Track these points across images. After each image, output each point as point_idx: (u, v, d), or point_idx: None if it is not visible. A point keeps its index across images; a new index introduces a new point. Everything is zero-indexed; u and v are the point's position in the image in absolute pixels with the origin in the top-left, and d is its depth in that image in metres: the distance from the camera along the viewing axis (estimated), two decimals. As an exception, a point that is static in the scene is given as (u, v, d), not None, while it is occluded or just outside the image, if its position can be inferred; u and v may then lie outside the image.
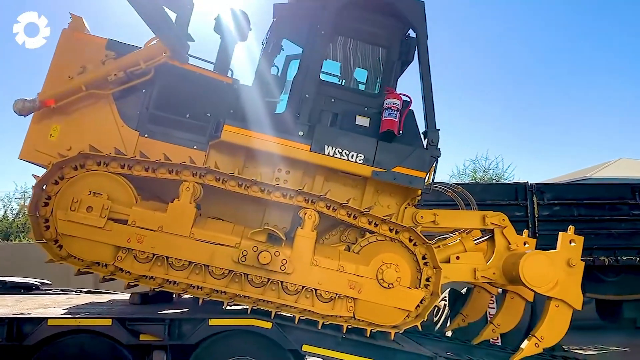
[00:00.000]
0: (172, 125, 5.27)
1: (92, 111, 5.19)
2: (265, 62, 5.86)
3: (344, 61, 6.08)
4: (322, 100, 5.49)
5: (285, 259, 4.78)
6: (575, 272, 5.28)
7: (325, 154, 5.12)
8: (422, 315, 5.05)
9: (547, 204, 10.36)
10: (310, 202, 4.97)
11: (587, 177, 27.98)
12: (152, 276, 4.81)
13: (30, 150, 5.07)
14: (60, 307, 5.33)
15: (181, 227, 4.76)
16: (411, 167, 5.20)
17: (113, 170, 4.83)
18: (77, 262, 4.82)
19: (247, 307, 4.81)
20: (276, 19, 5.90)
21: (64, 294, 7.17)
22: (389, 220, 5.05)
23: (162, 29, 4.94)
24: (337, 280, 4.90)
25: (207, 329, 4.74)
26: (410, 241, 5.09)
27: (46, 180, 4.72)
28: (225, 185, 4.89)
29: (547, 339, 5.22)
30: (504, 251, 5.63)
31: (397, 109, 5.18)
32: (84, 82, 5.04)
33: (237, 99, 5.45)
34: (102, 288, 8.13)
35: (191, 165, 4.85)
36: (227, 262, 4.80)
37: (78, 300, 6.17)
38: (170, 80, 5.32)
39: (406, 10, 5.54)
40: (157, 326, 4.73)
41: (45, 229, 4.77)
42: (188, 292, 4.88)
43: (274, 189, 4.95)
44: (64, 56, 5.23)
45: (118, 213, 4.74)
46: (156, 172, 4.86)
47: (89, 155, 4.79)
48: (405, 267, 5.01)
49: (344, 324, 4.90)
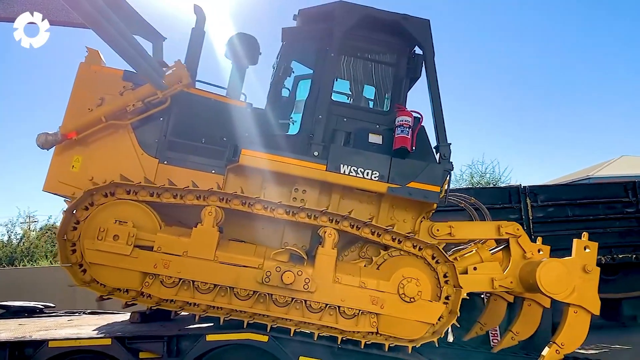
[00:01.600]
0: (190, 151, 5.41)
1: (112, 141, 5.34)
2: (277, 85, 6.02)
3: (353, 80, 6.23)
4: (334, 119, 5.63)
5: (308, 278, 4.89)
6: (591, 277, 5.37)
7: (341, 172, 5.24)
8: (439, 331, 5.15)
9: (541, 205, 10.37)
10: (335, 221, 5.08)
11: (590, 176, 28.20)
12: (173, 300, 4.93)
13: (54, 182, 5.21)
14: (62, 329, 5.40)
15: (206, 251, 4.88)
16: (425, 181, 5.31)
17: (142, 199, 4.97)
18: (100, 287, 4.94)
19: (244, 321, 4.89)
20: (285, 42, 6.05)
21: (67, 316, 7.23)
22: (412, 237, 5.15)
23: (137, 61, 4.96)
24: (359, 296, 5.00)
25: (205, 344, 4.82)
26: (432, 258, 5.19)
27: (77, 206, 4.87)
28: (251, 208, 5.01)
29: (568, 344, 5.31)
30: (520, 260, 5.72)
31: (409, 126, 5.31)
32: (103, 114, 5.18)
33: (251, 122, 5.60)
34: (103, 308, 8.19)
35: (218, 191, 4.98)
36: (252, 283, 4.90)
37: (80, 322, 6.23)
38: (186, 108, 5.47)
39: (413, 29, 5.68)
40: (156, 344, 4.85)
41: (71, 252, 4.91)
42: (209, 313, 4.95)
43: (299, 210, 5.06)
44: (82, 89, 5.39)
45: (144, 240, 4.87)
46: (184, 199, 4.99)
47: (119, 184, 4.92)
48: (425, 281, 5.11)
49: (362, 339, 4.99)
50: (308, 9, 5.98)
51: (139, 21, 5.17)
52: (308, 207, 5.05)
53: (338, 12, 5.64)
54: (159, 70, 5.29)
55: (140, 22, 5.18)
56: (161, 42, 5.42)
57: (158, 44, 5.43)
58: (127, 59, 4.74)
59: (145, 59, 5.03)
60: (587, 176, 28.27)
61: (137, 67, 4.97)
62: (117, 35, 4.53)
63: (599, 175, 27.52)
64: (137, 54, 4.82)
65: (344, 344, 4.97)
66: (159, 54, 5.44)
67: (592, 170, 30.71)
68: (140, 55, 4.91)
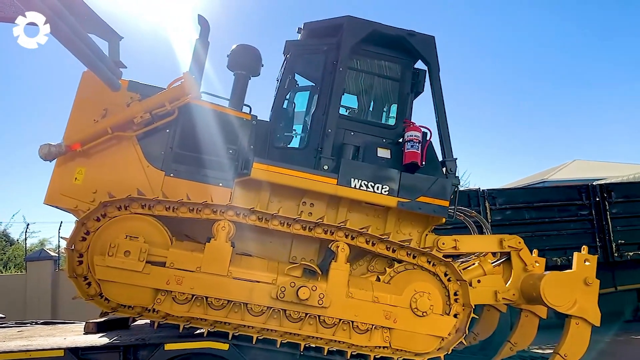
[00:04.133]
0: (196, 164, 5.31)
1: (116, 153, 5.19)
2: (282, 98, 5.99)
3: (359, 95, 6.28)
4: (342, 133, 5.66)
5: (323, 293, 4.86)
6: (591, 290, 5.55)
7: (352, 186, 5.25)
8: (444, 348, 5.21)
9: (499, 208, 10.66)
10: (350, 237, 5.08)
11: (545, 179, 29.27)
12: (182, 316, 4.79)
13: (55, 194, 5.02)
14: (12, 341, 5.15)
15: (219, 267, 4.79)
16: (434, 196, 5.38)
17: (157, 213, 4.85)
18: (104, 303, 4.77)
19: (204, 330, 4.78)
20: (289, 55, 6.04)
21: (17, 327, 6.89)
22: (428, 252, 5.21)
23: (93, 61, 4.70)
24: (372, 311, 5.01)
25: (163, 353, 4.69)
26: (445, 275, 5.26)
27: (89, 217, 4.70)
28: (268, 224, 4.95)
29: (570, 355, 5.47)
30: (521, 273, 5.88)
31: (418, 141, 5.39)
32: (110, 125, 5.03)
33: (258, 135, 5.57)
34: (64, 318, 7.83)
35: (235, 206, 4.91)
36: (266, 299, 4.85)
37: (31, 333, 5.98)
38: (193, 119, 5.37)
39: (418, 45, 5.78)
40: (112, 354, 4.70)
41: (78, 264, 4.73)
42: (216, 327, 4.83)
43: (315, 226, 5.04)
44: (85, 99, 5.24)
45: (156, 255, 4.74)
46: (200, 213, 4.88)
47: (134, 198, 4.79)
48: (436, 295, 5.17)
49: (370, 353, 4.99)
50: (313, 22, 6.00)
51: (94, 19, 5.00)
52: (325, 223, 5.03)
53: (346, 27, 5.69)
54: (115, 71, 5.07)
55: (95, 20, 5.01)
56: (117, 41, 5.25)
57: (114, 43, 5.25)
58: (83, 59, 4.50)
59: (101, 59, 4.80)
60: (543, 180, 29.34)
61: (92, 68, 4.71)
62: (72, 34, 4.32)
63: (553, 179, 28.59)
64: (92, 54, 4.60)
65: (306, 351, 4.92)
66: (115, 53, 5.26)
67: (546, 174, 31.95)
68: (96, 55, 4.69)
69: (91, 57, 4.59)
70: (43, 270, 15.29)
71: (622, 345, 9.24)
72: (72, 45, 4.33)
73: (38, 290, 14.94)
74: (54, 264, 15.66)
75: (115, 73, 5.07)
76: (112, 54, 5.30)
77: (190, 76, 5.35)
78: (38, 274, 15.22)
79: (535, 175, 33.83)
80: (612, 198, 11.00)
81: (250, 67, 6.25)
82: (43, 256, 16.02)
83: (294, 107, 6.52)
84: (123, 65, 5.39)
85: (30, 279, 15.28)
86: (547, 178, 29.78)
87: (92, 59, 4.61)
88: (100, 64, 4.72)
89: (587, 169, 29.73)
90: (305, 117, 6.39)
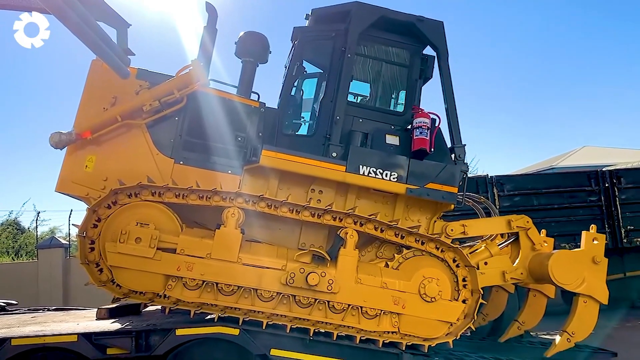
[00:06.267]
0: (205, 151, 5.33)
1: (126, 140, 5.22)
2: (290, 85, 5.99)
3: (368, 81, 6.25)
4: (350, 120, 5.66)
5: (332, 279, 4.90)
6: (600, 268, 5.57)
7: (361, 173, 5.25)
8: (453, 333, 5.25)
9: (507, 194, 10.66)
10: (359, 224, 5.09)
11: (553, 166, 29.02)
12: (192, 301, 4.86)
13: (67, 182, 5.07)
14: (26, 326, 5.21)
15: (229, 253, 4.84)
16: (443, 182, 5.38)
17: (168, 200, 4.89)
18: (116, 289, 4.85)
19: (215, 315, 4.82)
20: (297, 41, 6.02)
21: (30, 313, 6.99)
22: (437, 238, 5.23)
23: (102, 49, 4.70)
24: (381, 297, 5.04)
25: (175, 338, 4.73)
26: (454, 261, 5.28)
27: (100, 204, 4.76)
28: (277, 211, 4.98)
29: (578, 333, 5.51)
30: (529, 252, 5.90)
31: (427, 128, 5.38)
32: (119, 113, 5.06)
33: (267, 122, 5.57)
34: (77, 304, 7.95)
35: (245, 193, 4.95)
36: (276, 285, 4.89)
37: (44, 319, 6.05)
38: (202, 107, 5.38)
39: (427, 31, 5.75)
40: (124, 339, 4.72)
41: (89, 250, 4.79)
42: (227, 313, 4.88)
43: (324, 213, 5.06)
44: (94, 87, 5.26)
45: (166, 242, 4.79)
46: (210, 201, 4.92)
47: (145, 185, 4.83)
48: (445, 281, 5.19)
49: (379, 338, 5.03)
50: (321, 8, 5.97)
51: (102, 7, 5.01)
52: (334, 209, 5.05)
53: (355, 12, 5.66)
54: (124, 58, 5.12)
55: (103, 8, 5.01)
56: (126, 28, 5.26)
57: (122, 30, 5.25)
58: (91, 46, 4.52)
59: (110, 46, 4.83)
60: (551, 166, 29.11)
61: (102, 55, 4.75)
62: (80, 21, 4.32)
63: (562, 165, 28.34)
64: (101, 42, 4.61)
65: (316, 336, 4.94)
66: (123, 41, 5.27)
67: (555, 161, 31.69)
68: (105, 42, 4.71)
69: (100, 45, 4.61)
70: (54, 258, 15.43)
71: (630, 331, 9.27)
72: (82, 33, 4.34)
73: (49, 277, 15.09)
74: (64, 252, 15.81)
75: (124, 60, 5.10)
76: (121, 42, 5.32)
77: (198, 64, 5.36)
78: (49, 262, 15.36)
79: (544, 162, 33.59)
80: (622, 184, 10.96)
81: (258, 54, 6.25)
82: (54, 244, 16.16)
83: (302, 94, 6.53)
84: (131, 53, 5.42)
85: (41, 266, 15.43)
86: (556, 164, 29.53)
87: (102, 46, 4.63)
88: (110, 51, 4.74)
89: (597, 155, 29.43)
90: (314, 104, 6.39)
